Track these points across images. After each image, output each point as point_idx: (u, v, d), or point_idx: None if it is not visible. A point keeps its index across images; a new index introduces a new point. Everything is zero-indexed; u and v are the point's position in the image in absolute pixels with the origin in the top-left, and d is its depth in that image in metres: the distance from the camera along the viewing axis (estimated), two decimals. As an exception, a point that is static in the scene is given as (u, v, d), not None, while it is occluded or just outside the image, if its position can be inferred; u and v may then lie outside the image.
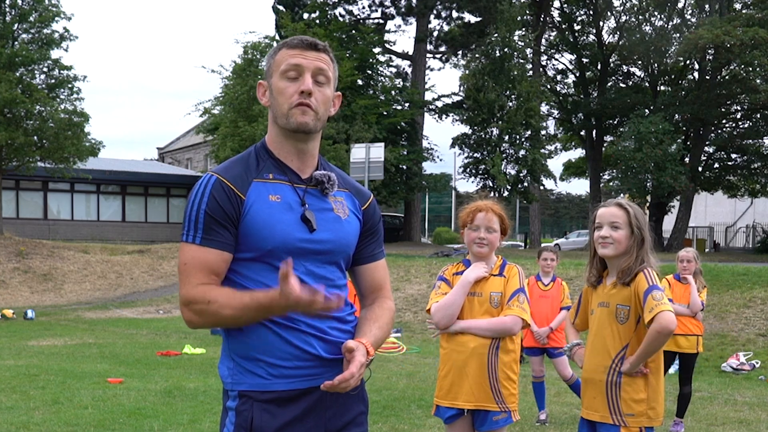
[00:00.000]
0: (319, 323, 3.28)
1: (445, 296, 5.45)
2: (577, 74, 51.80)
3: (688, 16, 45.32)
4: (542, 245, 19.61)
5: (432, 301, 5.52)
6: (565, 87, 53.15)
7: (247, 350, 3.24)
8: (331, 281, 3.36)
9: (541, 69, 50.20)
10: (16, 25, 37.61)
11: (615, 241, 4.86)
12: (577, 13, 50.68)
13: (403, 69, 52.31)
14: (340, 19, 49.75)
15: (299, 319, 3.23)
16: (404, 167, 46.45)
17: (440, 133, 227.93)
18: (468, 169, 44.80)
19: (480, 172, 43.94)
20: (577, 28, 50.78)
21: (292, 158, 3.36)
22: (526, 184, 44.37)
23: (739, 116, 45.38)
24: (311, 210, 3.31)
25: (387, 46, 51.05)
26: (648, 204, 46.00)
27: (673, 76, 47.22)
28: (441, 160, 72.04)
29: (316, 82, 3.30)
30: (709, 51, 40.56)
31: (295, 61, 3.27)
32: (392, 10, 51.41)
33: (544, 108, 47.44)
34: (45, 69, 38.16)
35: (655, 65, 46.90)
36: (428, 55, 51.69)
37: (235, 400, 3.23)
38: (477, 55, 44.60)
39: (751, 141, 45.13)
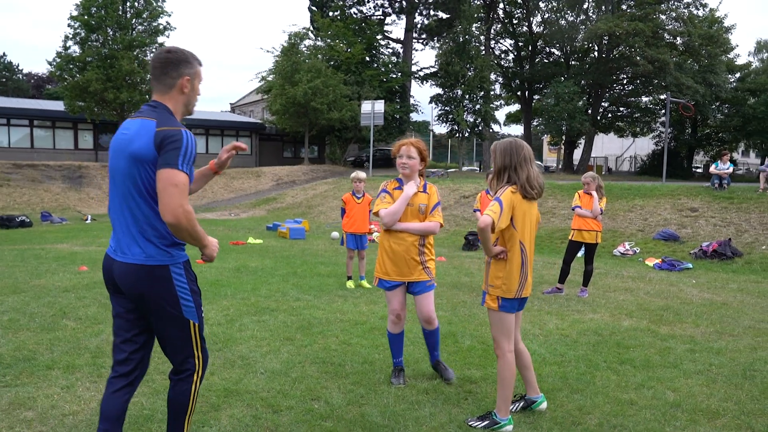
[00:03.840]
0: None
1: (391, 205, 5.44)
2: (515, 53, 51.19)
3: (591, 14, 44.57)
4: (489, 169, 19.45)
5: (379, 207, 5.49)
6: (507, 62, 52.31)
7: (175, 243, 3.43)
8: None
9: (490, 50, 49.38)
10: (133, 20, 38.20)
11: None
12: (515, 11, 50.01)
13: (397, 50, 51.45)
14: (354, 16, 49.25)
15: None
16: (397, 117, 46.18)
17: (422, 94, 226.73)
18: (440, 118, 44.50)
19: (449, 120, 43.72)
20: (515, 22, 50.22)
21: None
22: (480, 128, 44.13)
23: (625, 82, 44.91)
24: None
25: (386, 34, 50.43)
26: (563, 141, 46.09)
27: (580, 55, 46.60)
28: (422, 112, 71.70)
29: None
30: (605, 38, 40.41)
31: (202, 76, 3.56)
32: (389, 10, 50.69)
33: (492, 76, 46.84)
34: (153, 50, 38.05)
35: (568, 47, 46.47)
36: (414, 40, 50.88)
37: (180, 267, 3.42)
38: (447, 41, 44.05)
39: (633, 99, 45.17)
